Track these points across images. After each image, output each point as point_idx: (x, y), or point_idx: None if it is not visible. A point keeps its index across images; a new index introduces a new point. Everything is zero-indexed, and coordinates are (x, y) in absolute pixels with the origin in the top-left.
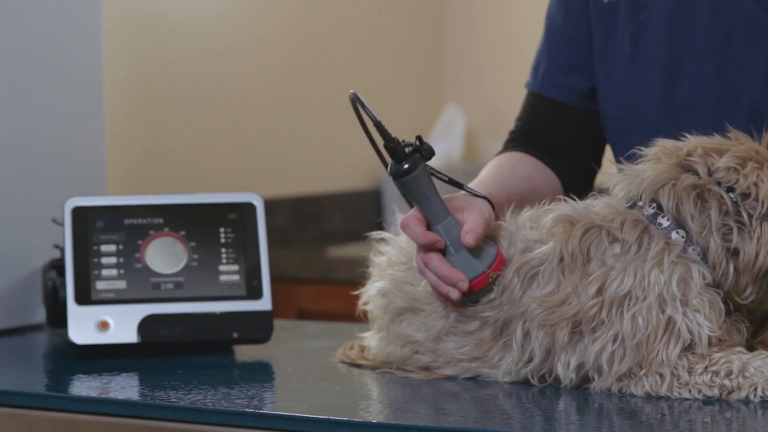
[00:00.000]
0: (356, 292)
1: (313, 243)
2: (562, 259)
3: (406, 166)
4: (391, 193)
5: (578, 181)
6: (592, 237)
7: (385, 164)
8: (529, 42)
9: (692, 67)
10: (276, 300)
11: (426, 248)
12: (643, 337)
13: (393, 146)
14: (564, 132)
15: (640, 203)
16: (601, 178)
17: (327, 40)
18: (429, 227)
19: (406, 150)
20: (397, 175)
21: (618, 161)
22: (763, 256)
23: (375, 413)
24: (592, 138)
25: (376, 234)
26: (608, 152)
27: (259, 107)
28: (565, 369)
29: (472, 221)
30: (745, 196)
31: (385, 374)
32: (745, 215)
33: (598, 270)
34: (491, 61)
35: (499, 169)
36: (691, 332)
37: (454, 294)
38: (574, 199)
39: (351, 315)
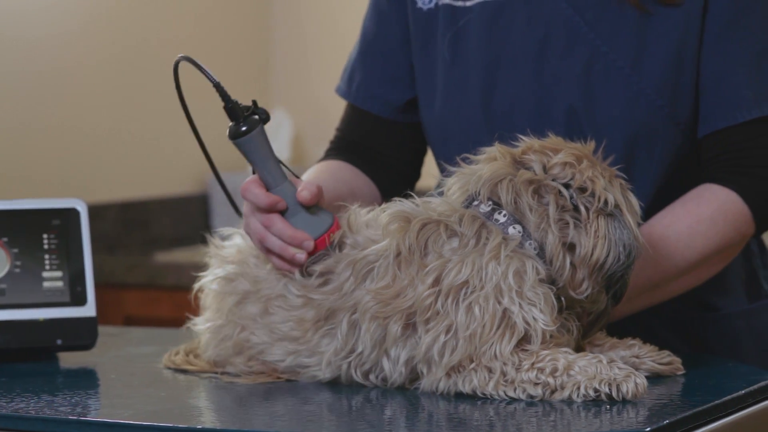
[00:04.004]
0: (197, 275)
1: (140, 248)
2: (398, 254)
3: (243, 127)
4: (219, 198)
5: (396, 189)
6: (430, 231)
7: (203, 146)
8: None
9: (510, 73)
10: (102, 306)
11: (269, 209)
12: (477, 328)
13: (232, 107)
14: (381, 143)
15: (476, 202)
16: (433, 181)
17: (152, 41)
18: (267, 191)
19: (245, 114)
20: (236, 136)
21: (440, 167)
22: (599, 249)
23: (200, 419)
24: (409, 148)
25: (225, 230)
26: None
27: (83, 109)
28: (394, 364)
29: (305, 182)
30: (582, 190)
31: (210, 379)
32: (582, 209)
33: (438, 261)
34: (318, 65)
35: (318, 173)
36: (527, 324)
37: (301, 256)
38: (412, 196)
39: (178, 320)
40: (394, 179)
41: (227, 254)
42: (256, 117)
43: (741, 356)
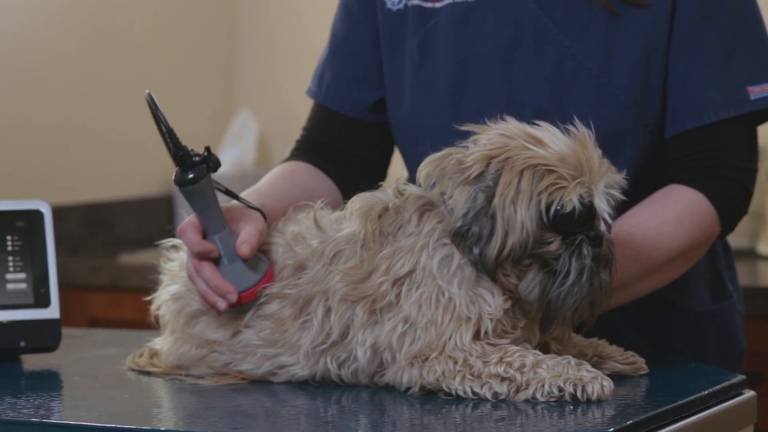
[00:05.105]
0: (148, 298)
1: (104, 250)
2: (365, 239)
3: (191, 176)
4: (183, 200)
5: (361, 189)
6: (387, 217)
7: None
8: (322, 48)
9: (479, 74)
10: (66, 308)
11: (200, 257)
12: (431, 318)
13: (182, 155)
14: (347, 143)
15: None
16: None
17: (117, 43)
18: (205, 236)
19: (194, 160)
20: (182, 184)
21: (408, 167)
22: (456, 217)
23: (164, 421)
24: (376, 148)
25: (167, 241)
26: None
27: (47, 110)
28: (360, 346)
29: (246, 232)
30: (461, 162)
31: (174, 381)
32: (451, 180)
33: (389, 249)
34: (284, 66)
35: (276, 178)
36: (473, 310)
37: (222, 305)
38: (382, 186)
39: (142, 322)
40: (360, 179)
41: (172, 269)
42: (204, 166)
43: (705, 356)
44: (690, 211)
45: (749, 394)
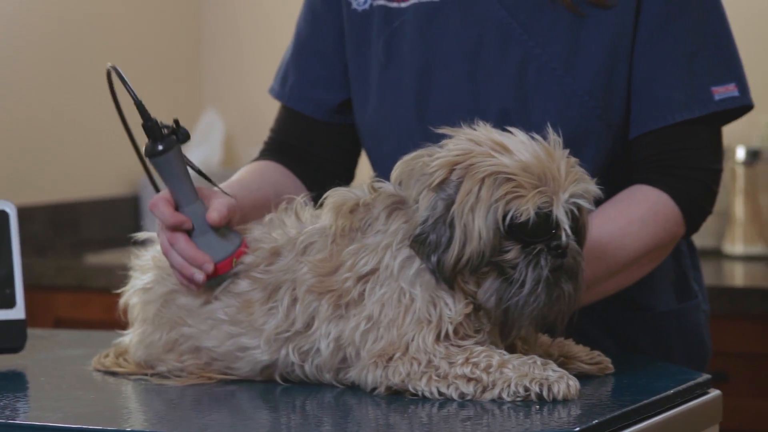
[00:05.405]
0: (117, 291)
1: (70, 250)
2: (335, 235)
3: (160, 147)
4: (149, 200)
5: (326, 189)
6: (358, 213)
7: (134, 143)
8: None
9: (444, 74)
10: (32, 309)
11: (173, 228)
12: (393, 318)
13: (151, 126)
14: (313, 144)
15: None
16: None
17: (83, 42)
18: (177, 209)
19: (164, 132)
20: (152, 155)
21: (374, 168)
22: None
23: (130, 421)
24: (342, 149)
25: (140, 234)
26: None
27: (11, 110)
28: (325, 339)
29: (217, 202)
30: (424, 166)
31: (140, 382)
32: (418, 184)
33: (356, 245)
34: (251, 66)
35: (246, 175)
36: (434, 311)
37: (199, 276)
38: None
39: (109, 322)
40: (327, 180)
41: (143, 263)
42: (174, 137)
43: (670, 356)
44: (654, 212)
45: (714, 393)
